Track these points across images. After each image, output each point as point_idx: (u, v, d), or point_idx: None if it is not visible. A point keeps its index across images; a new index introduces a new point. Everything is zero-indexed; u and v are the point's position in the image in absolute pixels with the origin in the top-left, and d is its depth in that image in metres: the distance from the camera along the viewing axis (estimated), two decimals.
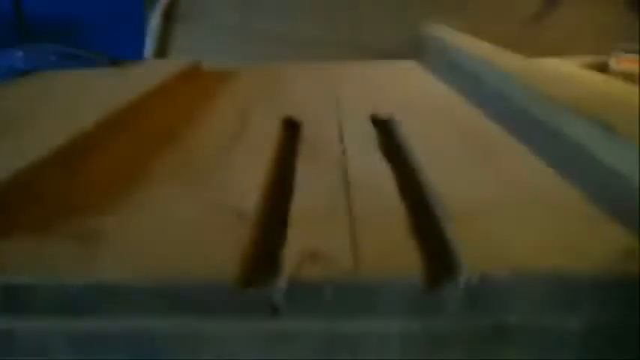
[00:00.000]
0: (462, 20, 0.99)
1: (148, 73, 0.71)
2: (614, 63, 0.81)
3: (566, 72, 0.62)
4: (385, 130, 0.55)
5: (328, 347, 0.31)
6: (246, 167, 0.44)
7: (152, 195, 0.40)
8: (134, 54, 0.99)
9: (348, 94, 0.69)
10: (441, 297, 0.29)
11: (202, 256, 0.32)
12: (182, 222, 0.36)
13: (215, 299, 0.30)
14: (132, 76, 0.70)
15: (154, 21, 1.05)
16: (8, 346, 0.32)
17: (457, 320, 0.30)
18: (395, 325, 0.30)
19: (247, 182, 0.41)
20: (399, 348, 0.31)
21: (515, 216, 0.35)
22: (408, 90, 0.71)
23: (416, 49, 0.98)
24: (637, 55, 0.81)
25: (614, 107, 0.46)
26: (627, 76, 0.74)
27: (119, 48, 0.91)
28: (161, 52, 1.07)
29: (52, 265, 0.32)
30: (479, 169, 0.43)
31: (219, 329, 0.31)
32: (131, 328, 0.31)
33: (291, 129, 0.56)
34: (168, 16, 1.11)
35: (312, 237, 0.33)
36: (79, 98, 0.59)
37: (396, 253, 0.31)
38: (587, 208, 0.36)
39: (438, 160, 0.44)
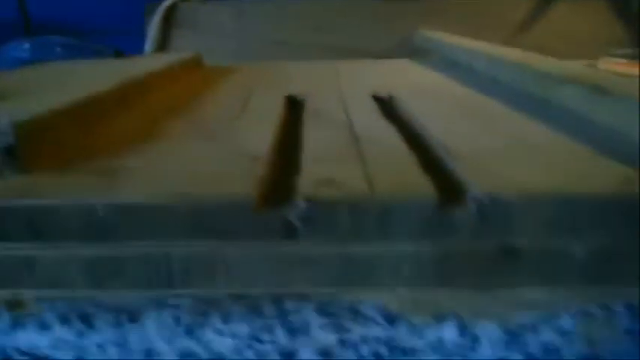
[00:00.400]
0: (452, 28, 1.02)
1: (153, 60, 0.73)
2: (601, 66, 0.84)
3: (553, 60, 0.65)
4: (386, 105, 0.57)
5: (343, 270, 0.32)
6: (256, 129, 0.45)
7: (170, 145, 0.41)
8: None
9: (348, 80, 0.70)
10: (453, 216, 0.31)
11: (221, 185, 0.33)
12: (200, 162, 0.37)
13: (233, 221, 0.31)
14: (138, 62, 0.72)
15: (154, 26, 1.07)
16: (28, 272, 0.33)
17: (467, 241, 0.31)
18: (407, 247, 0.31)
19: (259, 138, 0.42)
20: (411, 270, 0.32)
21: (517, 157, 0.36)
22: (405, 77, 0.73)
23: (408, 52, 1.01)
24: (623, 59, 0.84)
25: (601, 76, 0.49)
26: None
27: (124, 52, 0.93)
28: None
29: (75, 191, 0.33)
30: (478, 127, 0.44)
31: (236, 252, 0.32)
32: (149, 251, 0.32)
33: (295, 105, 0.57)
34: (168, 22, 1.14)
35: (326, 169, 0.34)
36: (91, 75, 0.60)
37: (408, 181, 0.32)
38: (585, 150, 0.38)
39: (439, 122, 0.45)
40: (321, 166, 0.35)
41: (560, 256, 0.32)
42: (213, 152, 0.39)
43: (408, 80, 0.70)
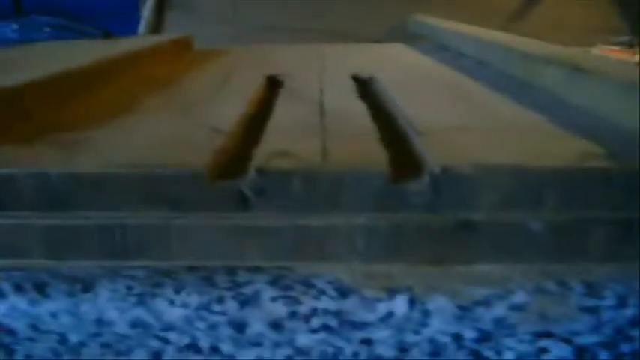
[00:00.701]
0: (446, 16, 1.01)
1: (140, 41, 0.73)
2: (596, 53, 0.83)
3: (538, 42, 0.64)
4: (366, 86, 0.56)
5: (296, 241, 0.32)
6: (229, 105, 0.45)
7: (140, 119, 0.41)
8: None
9: (333, 63, 0.70)
10: (406, 189, 0.30)
11: (176, 155, 0.33)
12: (161, 134, 0.37)
13: (186, 192, 0.31)
14: (124, 42, 0.72)
15: (148, 9, 1.07)
16: None
17: (422, 214, 0.31)
18: (361, 219, 0.31)
19: (228, 113, 0.42)
20: (364, 241, 0.31)
21: (482, 133, 0.36)
22: (391, 60, 0.72)
23: (401, 38, 1.00)
24: (618, 47, 0.83)
25: (582, 56, 0.48)
26: None
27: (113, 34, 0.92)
28: None
29: (34, 162, 0.33)
30: (453, 105, 0.44)
31: (190, 222, 0.32)
32: (104, 221, 0.32)
33: (274, 85, 0.57)
34: (162, 5, 1.13)
35: (284, 141, 0.34)
36: (73, 54, 0.60)
37: (364, 154, 0.32)
38: (551, 128, 0.37)
39: (414, 102, 0.45)
40: (280, 139, 0.35)
41: (517, 231, 0.31)
42: (179, 125, 0.39)
43: (394, 63, 0.70)
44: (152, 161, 0.32)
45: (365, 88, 0.55)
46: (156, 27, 1.07)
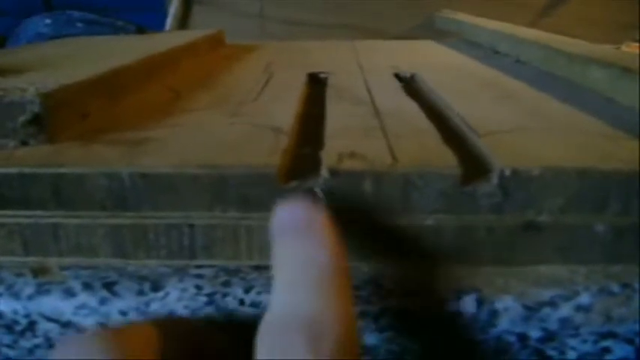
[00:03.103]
0: (473, 12, 1.01)
1: (176, 36, 0.73)
2: (626, 49, 0.83)
3: (579, 41, 0.64)
4: (409, 84, 0.57)
5: (365, 240, 0.32)
6: (279, 104, 0.45)
7: (190, 118, 0.41)
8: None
9: (369, 59, 0.70)
10: (475, 191, 0.31)
11: (245, 156, 0.33)
12: (221, 134, 0.37)
13: (257, 192, 0.31)
14: (160, 37, 0.72)
15: (174, 3, 1.08)
16: (53, 240, 0.34)
17: (489, 216, 0.31)
18: (429, 220, 0.31)
19: (281, 112, 0.42)
20: (432, 242, 0.32)
21: (540, 134, 0.36)
22: (426, 57, 0.72)
23: (430, 34, 1.00)
24: None
25: (627, 56, 0.48)
26: None
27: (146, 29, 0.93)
28: None
29: (100, 160, 0.33)
30: (501, 105, 0.44)
31: (258, 222, 0.32)
32: (171, 222, 0.32)
33: (317, 82, 0.58)
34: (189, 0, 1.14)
35: (349, 144, 0.34)
36: (114, 48, 0.61)
37: (432, 156, 0.32)
38: (606, 129, 0.37)
39: (461, 99, 0.45)
40: (343, 139, 0.35)
41: (581, 233, 0.32)
42: (236, 125, 0.39)
43: (429, 59, 0.70)
44: (220, 161, 0.32)
45: (409, 86, 0.55)
46: (182, 21, 1.07)
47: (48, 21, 0.75)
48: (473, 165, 0.32)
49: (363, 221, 0.32)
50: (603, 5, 1.11)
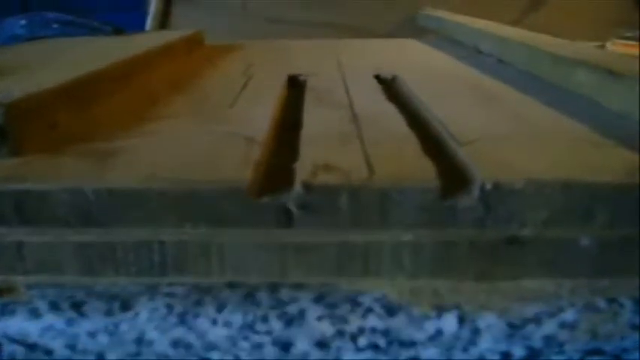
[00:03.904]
0: (458, 7, 1.00)
1: (152, 38, 0.72)
2: (610, 47, 0.83)
3: (562, 41, 0.63)
4: (389, 86, 0.55)
5: (341, 257, 0.31)
6: (255, 109, 0.44)
7: (164, 125, 0.40)
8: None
9: (351, 60, 0.69)
10: (455, 205, 0.30)
11: (214, 169, 0.32)
12: (194, 144, 0.36)
13: (228, 208, 0.30)
14: (137, 39, 0.70)
15: (154, 1, 1.05)
16: (18, 258, 0.32)
17: (470, 230, 0.30)
18: (408, 234, 0.30)
19: (257, 118, 0.41)
20: (411, 260, 0.31)
21: (523, 142, 0.35)
22: (408, 57, 0.71)
23: (412, 32, 0.99)
24: (633, 41, 0.83)
25: (612, 58, 0.47)
26: None
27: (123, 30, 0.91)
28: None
29: (65, 175, 0.32)
30: (483, 109, 0.43)
31: (231, 239, 0.31)
32: (141, 238, 0.31)
33: (296, 85, 0.56)
34: None
35: (324, 154, 0.33)
36: (88, 52, 0.59)
37: (410, 167, 0.31)
38: (590, 135, 0.36)
39: (442, 103, 0.44)
40: (319, 149, 0.34)
41: (566, 246, 0.30)
42: (209, 134, 0.38)
43: (412, 60, 0.69)
44: (189, 175, 0.31)
45: (389, 88, 0.54)
46: (163, 20, 1.05)
47: (23, 22, 0.73)
48: (453, 177, 0.31)
49: (339, 237, 0.30)
50: (588, 2, 1.10)
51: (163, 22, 1.06)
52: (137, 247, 0.31)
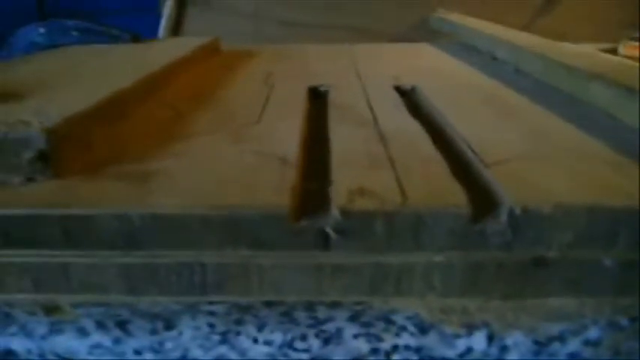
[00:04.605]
0: (471, 10, 1.01)
1: (172, 47, 0.73)
2: (623, 49, 0.83)
3: (581, 49, 0.64)
4: (410, 97, 0.57)
5: (375, 280, 0.32)
6: (281, 124, 0.45)
7: (195, 144, 0.41)
8: (148, 38, 1.00)
9: (368, 68, 0.70)
10: (485, 229, 0.31)
11: (252, 193, 0.33)
12: (228, 165, 0.37)
13: (267, 232, 0.31)
14: (156, 49, 0.71)
15: (168, 5, 1.06)
16: (64, 278, 0.34)
17: (498, 252, 0.31)
18: (439, 256, 0.32)
19: (285, 135, 0.42)
20: (441, 280, 0.32)
21: (546, 163, 0.36)
22: (425, 65, 0.72)
23: (427, 34, 1.00)
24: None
25: (631, 72, 0.48)
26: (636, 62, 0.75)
27: (133, 31, 0.92)
28: (174, 35, 1.08)
29: (108, 199, 0.33)
30: (504, 125, 0.44)
31: (270, 262, 0.32)
32: (183, 260, 0.32)
33: (318, 97, 0.57)
34: (183, 0, 1.12)
35: (357, 177, 0.34)
36: (110, 65, 0.60)
37: (441, 192, 0.32)
38: (610, 155, 0.38)
39: (465, 119, 0.45)
40: (351, 172, 0.35)
41: (590, 267, 0.32)
42: (241, 153, 0.39)
43: (429, 68, 0.70)
44: (228, 200, 0.32)
45: (410, 100, 0.55)
46: (177, 24, 1.06)
47: (42, 30, 0.74)
48: (482, 200, 0.32)
49: (373, 259, 0.32)
50: (601, 3, 1.10)
51: (177, 26, 1.07)
52: (179, 269, 0.33)
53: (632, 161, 0.36)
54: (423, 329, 0.32)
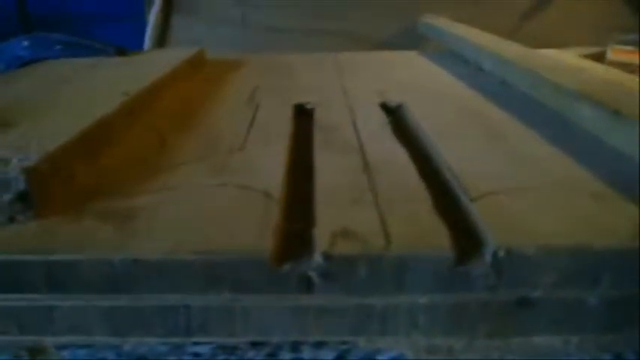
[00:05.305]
0: (458, 14, 1.00)
1: (156, 62, 0.72)
2: (610, 54, 0.83)
3: (567, 61, 0.64)
4: (395, 116, 0.56)
5: (359, 320, 0.32)
6: (266, 151, 0.45)
7: (177, 177, 0.41)
8: (134, 45, 0.99)
9: (354, 81, 0.70)
10: (469, 271, 0.31)
11: (235, 233, 0.33)
12: (211, 202, 0.37)
13: (250, 276, 0.31)
14: (140, 65, 0.71)
15: (153, 12, 1.05)
16: (48, 321, 0.33)
17: (483, 293, 0.31)
18: (423, 298, 0.32)
19: (269, 165, 0.42)
20: (426, 320, 0.32)
21: (532, 196, 0.36)
22: (412, 77, 0.72)
23: (414, 40, 0.99)
24: (633, 47, 0.83)
25: (618, 93, 0.48)
26: (624, 67, 0.76)
27: (118, 40, 0.91)
28: (160, 43, 1.07)
29: (90, 243, 0.33)
30: (490, 149, 0.44)
31: (255, 304, 0.32)
32: (167, 303, 0.32)
33: (303, 115, 0.57)
34: (168, 8, 1.11)
35: (340, 216, 0.34)
36: (92, 85, 0.60)
37: (425, 233, 0.32)
38: (596, 185, 0.38)
39: (451, 143, 0.45)
40: (335, 210, 0.35)
41: (575, 306, 0.32)
42: (223, 187, 0.39)
43: (415, 82, 0.69)
44: (211, 243, 0.32)
45: (396, 120, 0.55)
46: (162, 32, 1.05)
47: (26, 43, 0.74)
48: (466, 239, 0.32)
49: (357, 300, 0.32)
50: (587, 7, 1.10)
51: (163, 35, 1.06)
52: (163, 311, 0.33)
53: (616, 194, 0.36)
54: None
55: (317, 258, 0.31)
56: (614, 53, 0.83)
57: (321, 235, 0.32)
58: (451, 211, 0.36)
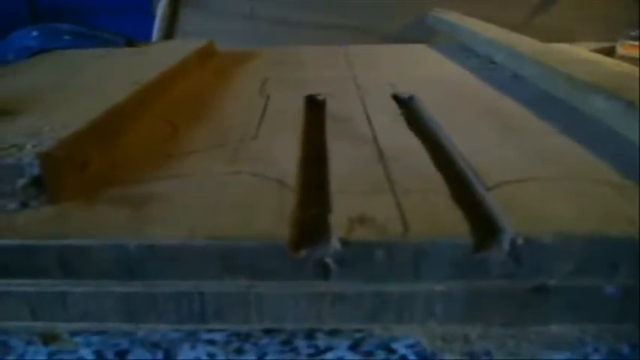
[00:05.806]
0: (468, 7, 1.00)
1: (166, 53, 0.72)
2: (621, 49, 0.83)
3: (579, 54, 0.64)
4: (408, 108, 0.56)
5: (375, 308, 0.32)
6: (279, 140, 0.45)
7: (192, 164, 0.41)
8: (142, 38, 0.99)
9: (365, 72, 0.70)
10: (486, 259, 0.31)
11: (250, 221, 0.33)
12: (225, 189, 0.37)
13: (266, 263, 0.31)
14: (150, 55, 0.70)
15: (162, 5, 1.05)
16: (62, 307, 0.33)
17: (500, 281, 0.31)
18: (440, 285, 0.31)
19: (283, 154, 0.42)
20: (442, 308, 0.32)
21: (548, 185, 0.36)
22: (424, 70, 0.72)
23: (424, 34, 0.99)
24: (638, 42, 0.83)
25: (632, 84, 0.48)
26: (634, 61, 0.75)
27: (126, 32, 0.91)
28: (168, 35, 1.07)
29: (105, 228, 0.32)
30: (504, 140, 0.44)
31: (270, 291, 0.32)
32: (181, 290, 0.32)
33: (315, 106, 0.57)
34: (177, 1, 1.11)
35: (357, 203, 0.34)
36: (104, 75, 0.59)
37: (442, 220, 0.32)
38: (612, 175, 0.37)
39: (465, 135, 0.45)
40: (351, 198, 0.35)
41: (592, 294, 0.32)
42: (238, 175, 0.39)
43: (426, 74, 0.69)
44: (227, 229, 0.32)
45: (408, 111, 0.55)
46: (171, 24, 1.05)
47: (35, 34, 0.74)
48: (483, 227, 0.32)
49: (373, 287, 0.32)
50: (599, 2, 1.09)
51: (171, 27, 1.05)
52: (178, 297, 0.33)
53: (632, 183, 0.36)
54: (423, 357, 0.32)
55: (334, 244, 0.31)
56: (623, 48, 0.83)
57: (338, 222, 0.32)
58: (467, 200, 0.35)
